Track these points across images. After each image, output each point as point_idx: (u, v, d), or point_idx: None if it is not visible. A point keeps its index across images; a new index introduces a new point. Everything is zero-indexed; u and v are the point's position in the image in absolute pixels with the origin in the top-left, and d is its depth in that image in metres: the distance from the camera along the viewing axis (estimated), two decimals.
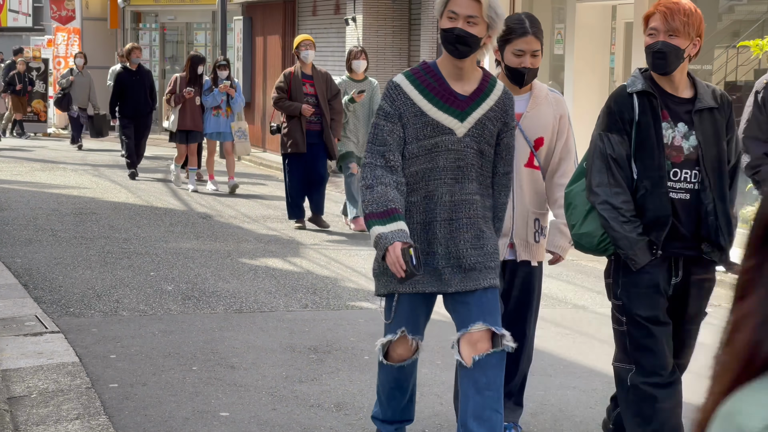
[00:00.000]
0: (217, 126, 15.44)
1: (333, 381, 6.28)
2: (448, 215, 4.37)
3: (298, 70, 12.13)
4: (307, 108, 11.79)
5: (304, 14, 21.61)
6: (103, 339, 7.04)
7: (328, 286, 9.07)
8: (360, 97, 11.97)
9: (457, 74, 4.42)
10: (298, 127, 11.82)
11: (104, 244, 10.69)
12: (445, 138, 4.36)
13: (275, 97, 12.01)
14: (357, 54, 12.23)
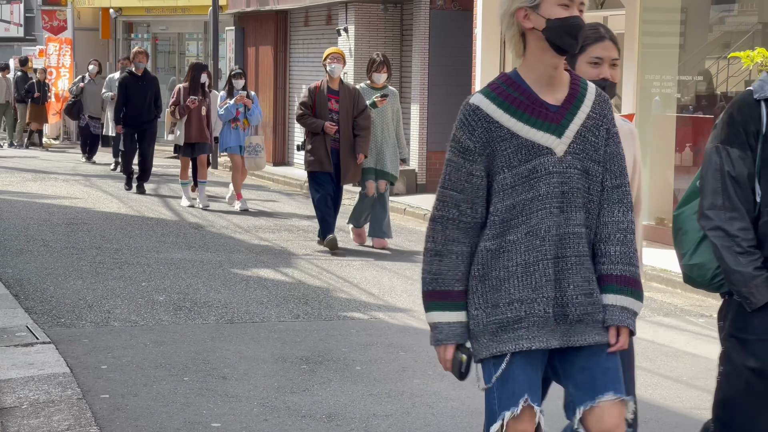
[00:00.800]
0: (237, 139, 14.61)
1: (324, 392, 6.28)
2: (555, 252, 3.55)
3: (324, 84, 11.47)
4: (330, 126, 11.20)
5: (296, 25, 21.63)
6: (95, 349, 7.02)
7: (320, 296, 9.06)
8: (383, 102, 11.62)
9: (547, 80, 3.62)
10: (322, 144, 11.23)
11: (96, 254, 10.67)
12: (544, 160, 3.55)
13: (300, 113, 11.44)
14: (378, 66, 11.78)
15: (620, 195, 3.64)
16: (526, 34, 3.61)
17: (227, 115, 14.42)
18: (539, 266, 3.53)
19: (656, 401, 6.39)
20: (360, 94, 11.51)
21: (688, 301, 9.68)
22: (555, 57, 3.59)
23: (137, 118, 16.05)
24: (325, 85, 11.44)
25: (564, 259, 3.56)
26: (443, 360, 3.62)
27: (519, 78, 3.64)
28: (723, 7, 12.47)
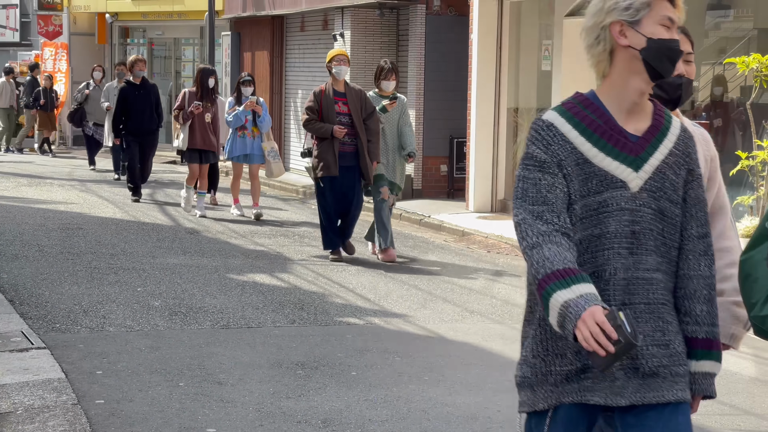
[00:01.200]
0: (243, 148, 14.20)
1: (320, 397, 6.27)
2: (622, 298, 3.15)
3: (330, 87, 11.11)
4: (339, 129, 10.88)
5: (292, 30, 21.64)
6: (90, 355, 7.01)
7: (316, 301, 9.06)
8: (392, 105, 11.31)
9: (630, 107, 3.21)
10: (330, 149, 10.90)
11: (91, 259, 10.66)
12: (616, 194, 3.15)
13: (305, 118, 11.10)
14: (387, 74, 11.44)
15: (706, 246, 3.28)
16: (615, 53, 3.20)
17: (236, 123, 14.05)
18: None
19: None
20: (366, 95, 11.24)
21: None
22: (645, 82, 3.18)
23: (139, 127, 15.73)
24: (330, 88, 11.13)
25: (633, 307, 3.14)
26: (596, 327, 2.91)
27: (597, 100, 3.25)
28: (718, 13, 12.50)
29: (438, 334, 8.10)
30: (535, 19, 15.66)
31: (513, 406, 6.22)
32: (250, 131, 14.16)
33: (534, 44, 15.52)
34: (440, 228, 14.16)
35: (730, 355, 7.15)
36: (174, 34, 27.19)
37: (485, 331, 8.22)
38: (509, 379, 6.82)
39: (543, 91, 15.05)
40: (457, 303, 9.20)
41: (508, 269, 11.34)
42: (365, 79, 18.25)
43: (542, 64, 15.19)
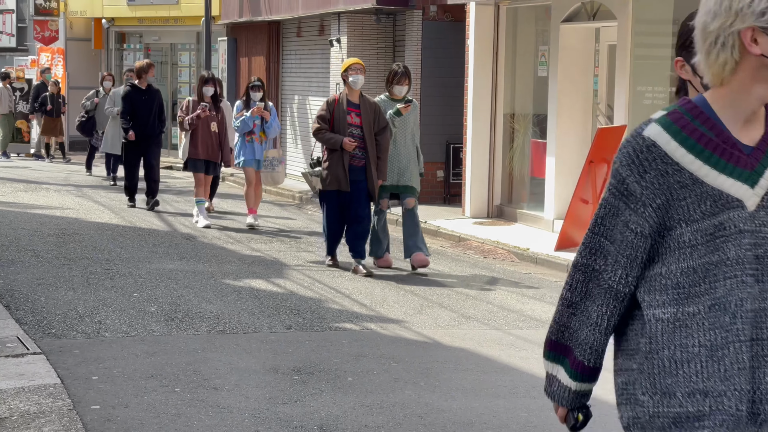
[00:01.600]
0: (252, 152, 13.80)
1: (316, 402, 6.26)
2: (750, 333, 2.76)
3: (344, 97, 10.77)
4: (349, 142, 10.51)
5: (288, 35, 21.66)
6: (85, 360, 7.00)
7: (312, 307, 9.05)
8: (407, 108, 10.95)
9: (748, 116, 2.83)
10: (340, 162, 10.55)
11: (87, 264, 10.65)
12: (733, 215, 2.79)
13: (315, 128, 10.75)
14: (400, 78, 11.06)
15: None
16: (742, 60, 2.76)
17: (243, 128, 13.69)
18: (730, 350, 2.74)
19: None
20: (380, 109, 10.81)
21: None
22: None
23: (142, 131, 15.58)
24: (344, 98, 10.77)
25: (760, 342, 2.76)
26: (556, 414, 3.13)
27: (709, 109, 2.83)
28: None
29: (434, 340, 8.09)
30: (531, 25, 15.68)
31: (509, 411, 6.24)
32: (258, 136, 13.82)
33: (530, 50, 15.54)
34: (437, 233, 14.16)
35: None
36: (170, 40, 27.21)
37: (481, 337, 8.21)
38: (505, 384, 6.85)
39: (539, 96, 15.06)
40: (453, 308, 9.19)
41: (505, 275, 11.34)
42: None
43: (538, 70, 15.21)
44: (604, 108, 14.35)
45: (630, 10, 12.83)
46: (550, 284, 10.78)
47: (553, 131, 14.27)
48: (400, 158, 11.06)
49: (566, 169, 14.01)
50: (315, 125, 10.78)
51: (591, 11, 13.90)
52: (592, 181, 12.25)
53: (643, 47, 13.08)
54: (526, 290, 10.44)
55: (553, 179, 14.17)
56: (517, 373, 7.19)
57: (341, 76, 10.95)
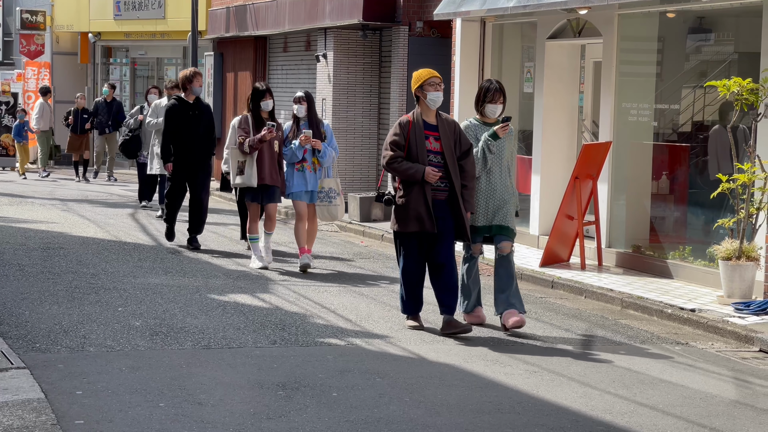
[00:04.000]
0: (303, 183, 11.85)
1: (301, 418, 6.26)
2: None
3: (419, 117, 8.86)
4: (433, 172, 8.69)
5: (275, 50, 21.68)
6: (70, 375, 6.98)
7: (297, 322, 9.04)
8: (505, 130, 9.05)
9: None
10: (421, 196, 8.70)
11: (72, 279, 10.62)
12: None
13: (390, 156, 8.79)
14: (494, 95, 9.14)
15: None
16: None
17: (292, 158, 11.85)
18: None
19: (633, 428, 6.39)
20: (461, 128, 9.08)
21: (665, 329, 9.70)
22: None
23: (188, 156, 12.97)
24: (419, 119, 8.89)
25: None
26: None
27: None
28: (699, 37, 12.58)
29: (419, 355, 8.09)
30: (517, 41, 15.74)
31: (494, 427, 6.24)
32: (310, 163, 11.87)
33: (516, 66, 15.59)
34: None
35: (710, 377, 7.18)
36: (157, 54, 27.21)
37: (466, 352, 8.21)
38: (490, 400, 6.85)
39: (525, 112, 15.10)
40: (438, 324, 9.19)
41: (490, 291, 11.33)
42: (347, 99, 18.33)
43: (524, 86, 15.25)
44: (590, 124, 14.40)
45: (615, 27, 12.88)
46: (535, 300, 10.79)
47: (538, 147, 14.30)
48: (495, 193, 9.10)
49: (551, 185, 14.05)
50: (388, 153, 8.83)
51: (576, 28, 13.96)
52: (578, 198, 12.28)
53: (629, 64, 13.13)
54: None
55: (538, 195, 14.20)
56: (503, 388, 7.19)
57: (414, 93, 8.97)
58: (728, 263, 10.24)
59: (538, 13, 14.06)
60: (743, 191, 10.53)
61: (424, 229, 8.71)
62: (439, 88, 8.88)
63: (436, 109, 8.93)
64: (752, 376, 7.99)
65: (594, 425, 6.42)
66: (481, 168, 9.06)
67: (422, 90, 8.89)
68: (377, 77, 18.47)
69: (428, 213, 8.70)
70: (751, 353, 8.84)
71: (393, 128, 8.96)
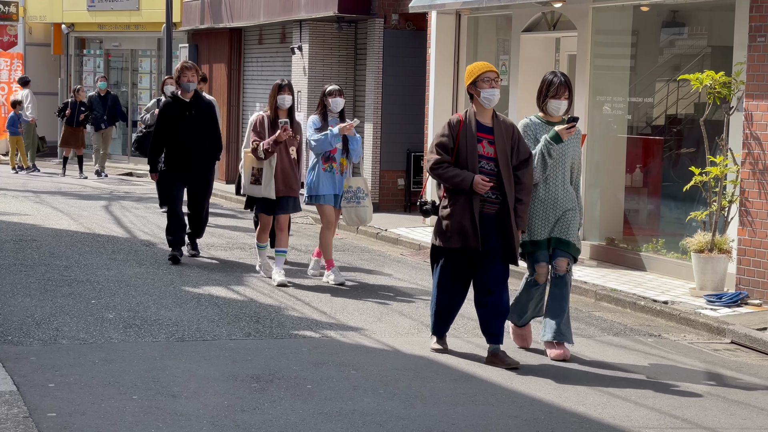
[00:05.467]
0: (332, 185, 10.64)
1: (275, 410, 6.25)
2: None
3: (471, 117, 7.67)
4: (483, 182, 7.51)
5: (250, 43, 21.62)
6: (42, 367, 6.95)
7: (272, 314, 9.03)
8: (570, 132, 7.82)
9: None
10: (468, 208, 7.57)
11: (44, 271, 10.57)
12: None
13: (436, 159, 7.65)
14: (558, 89, 7.88)
15: None
16: None
17: (322, 147, 10.49)
18: None
19: (605, 420, 6.42)
20: (520, 133, 7.81)
21: (638, 320, 9.75)
22: None
23: (186, 161, 11.39)
24: (472, 119, 7.68)
25: None
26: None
27: None
28: (673, 30, 12.63)
29: (393, 348, 8.10)
30: (492, 34, 15.75)
31: (468, 419, 6.25)
32: (338, 164, 10.67)
33: (491, 59, 15.60)
34: (397, 241, 14.17)
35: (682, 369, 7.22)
36: (131, 46, 27.07)
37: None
38: (464, 392, 6.87)
39: (500, 105, 15.07)
40: (412, 316, 9.20)
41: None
42: None
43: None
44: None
45: (590, 20, 12.92)
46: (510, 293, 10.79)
47: None
48: (556, 203, 7.92)
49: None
50: (433, 156, 7.71)
51: (551, 21, 13.99)
52: None
53: (603, 58, 13.17)
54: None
55: None
56: (476, 380, 7.21)
57: (467, 89, 7.82)
58: (701, 256, 10.30)
59: (513, 6, 14.08)
60: (716, 184, 10.59)
61: (467, 245, 7.59)
62: (495, 84, 7.70)
63: (493, 108, 7.76)
64: (724, 368, 8.05)
65: (567, 416, 6.45)
66: (540, 174, 7.83)
67: (475, 86, 7.71)
68: (353, 70, 18.45)
69: (473, 227, 7.56)
70: (722, 345, 8.90)
71: (441, 128, 7.80)
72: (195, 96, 11.46)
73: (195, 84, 11.42)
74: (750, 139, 10.33)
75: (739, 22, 10.69)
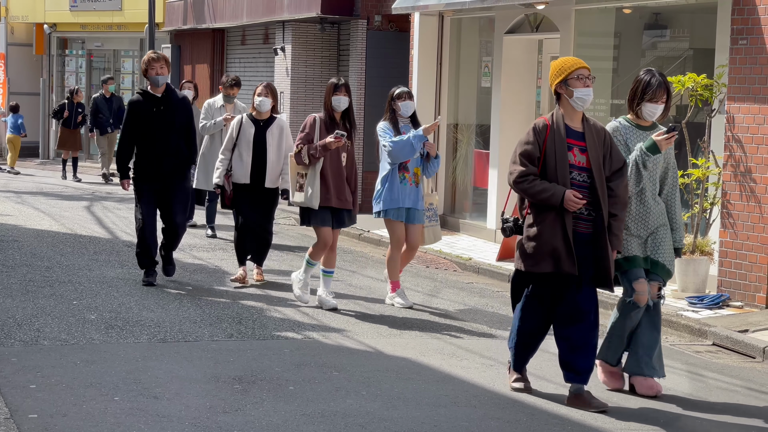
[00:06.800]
0: (406, 197, 9.62)
1: (257, 411, 6.24)
2: None
3: (560, 121, 6.69)
4: (575, 198, 6.53)
5: (232, 43, 21.59)
6: (23, 369, 6.92)
7: (254, 315, 9.02)
8: (669, 142, 6.91)
9: None
10: (558, 227, 6.59)
11: (26, 272, 10.53)
12: None
13: (520, 171, 6.63)
14: (655, 92, 6.99)
15: None
16: None
17: (403, 152, 9.50)
18: None
19: (587, 422, 6.44)
20: (612, 138, 6.86)
21: None
22: None
23: (156, 168, 9.95)
24: (559, 123, 6.69)
25: None
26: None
27: None
28: (655, 33, 12.67)
29: (376, 349, 8.10)
30: (475, 36, 15.77)
31: (450, 420, 6.25)
32: (412, 174, 9.67)
33: (474, 61, 15.63)
34: (379, 243, 14.17)
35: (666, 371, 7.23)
36: (113, 46, 27.01)
37: (423, 346, 8.23)
38: (447, 393, 6.87)
39: (483, 107, 15.15)
40: (395, 318, 9.20)
41: (446, 284, 11.38)
42: (305, 93, 18.28)
43: (482, 80, 15.30)
44: None
45: (572, 22, 12.95)
46: (492, 294, 10.83)
47: (496, 142, 14.35)
48: (649, 219, 7.03)
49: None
50: (517, 168, 6.69)
51: (534, 23, 14.02)
52: None
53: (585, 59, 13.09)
54: (468, 300, 10.48)
55: (495, 189, 14.25)
56: (459, 382, 7.22)
57: (554, 89, 6.79)
58: (682, 258, 10.33)
59: (495, 8, 14.10)
60: (698, 186, 10.63)
61: (560, 269, 6.60)
62: (588, 82, 6.76)
63: (583, 111, 6.81)
64: (705, 370, 8.08)
65: (549, 418, 6.46)
66: (633, 188, 6.97)
67: (566, 85, 6.74)
68: (335, 71, 18.45)
69: (567, 249, 6.57)
70: (704, 347, 8.93)
71: (525, 134, 6.77)
72: (167, 91, 9.96)
73: (166, 77, 9.90)
74: (732, 142, 10.37)
75: (721, 25, 10.73)
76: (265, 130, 10.49)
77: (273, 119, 10.56)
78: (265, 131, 10.48)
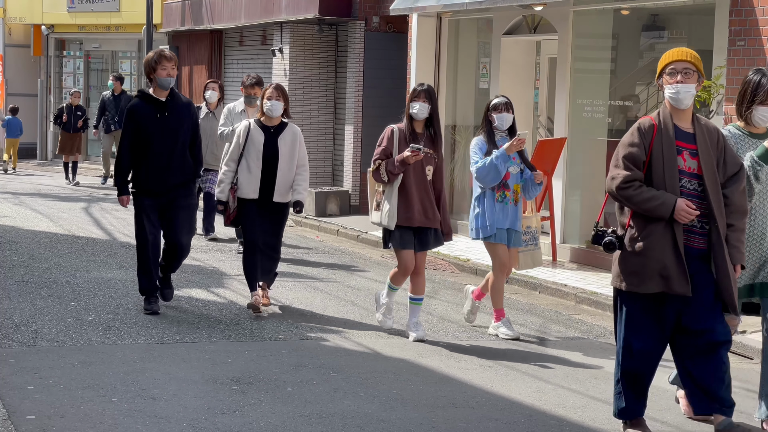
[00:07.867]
0: (506, 218, 8.72)
1: (255, 413, 6.24)
2: None
3: (667, 120, 5.93)
4: (688, 208, 5.78)
5: (230, 44, 21.59)
6: (21, 370, 6.92)
7: (252, 317, 9.01)
8: None
9: None
10: (668, 240, 5.82)
11: (24, 273, 10.52)
12: None
13: (624, 176, 5.86)
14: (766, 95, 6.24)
15: None
16: None
17: (489, 178, 8.61)
18: None
19: (585, 422, 6.44)
20: (726, 141, 6.03)
21: None
22: None
23: (158, 180, 8.92)
24: (667, 123, 5.93)
25: None
26: None
27: None
28: (653, 34, 12.68)
29: (374, 350, 8.10)
30: (473, 37, 15.78)
31: (448, 422, 6.26)
32: (511, 191, 8.78)
33: (472, 62, 15.63)
34: (378, 244, 14.17)
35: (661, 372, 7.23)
36: (111, 47, 27.00)
37: (421, 348, 8.23)
38: (445, 395, 6.87)
39: (481, 108, 15.12)
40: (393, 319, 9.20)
41: (444, 286, 11.38)
42: (303, 94, 18.28)
43: (480, 81, 15.30)
44: (545, 120, 14.47)
45: (570, 24, 12.96)
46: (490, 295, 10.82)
47: None
48: (763, 240, 6.27)
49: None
50: (620, 173, 5.90)
51: (532, 24, 14.02)
52: None
53: (583, 61, 13.21)
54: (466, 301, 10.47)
55: None
56: (456, 383, 7.22)
57: (658, 83, 6.08)
58: None
59: (493, 9, 14.11)
60: None
61: (671, 290, 5.79)
62: (684, 77, 5.90)
63: (692, 110, 5.99)
64: None
65: (547, 419, 6.46)
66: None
67: (664, 79, 6.01)
68: (333, 72, 18.45)
69: (680, 266, 5.77)
70: None
71: (628, 134, 5.97)
72: (170, 94, 8.98)
73: (173, 79, 8.96)
74: None
75: (719, 26, 10.74)
76: (276, 137, 9.19)
77: (284, 125, 9.27)
78: (277, 139, 9.18)
